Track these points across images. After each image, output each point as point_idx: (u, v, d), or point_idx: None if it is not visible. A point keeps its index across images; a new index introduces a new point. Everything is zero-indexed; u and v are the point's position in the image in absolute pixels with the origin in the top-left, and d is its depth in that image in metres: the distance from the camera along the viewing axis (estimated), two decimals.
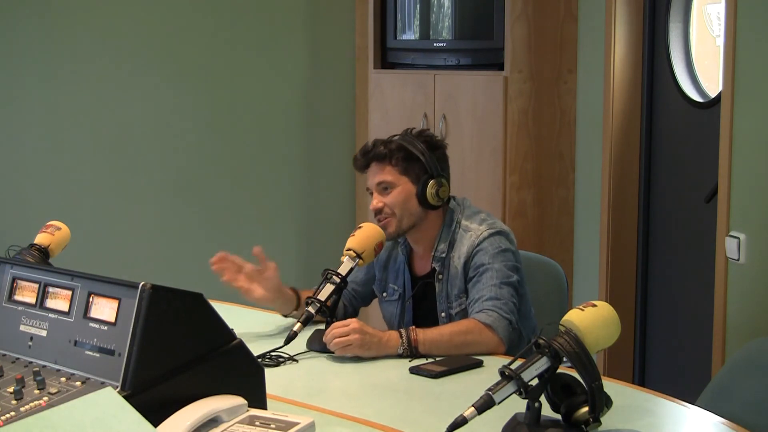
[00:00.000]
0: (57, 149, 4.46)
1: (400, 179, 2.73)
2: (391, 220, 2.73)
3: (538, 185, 4.26)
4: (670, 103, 3.94)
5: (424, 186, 2.72)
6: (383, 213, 2.73)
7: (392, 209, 2.72)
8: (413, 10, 4.56)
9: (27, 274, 2.03)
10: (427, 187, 2.71)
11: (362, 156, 2.78)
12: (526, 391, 1.84)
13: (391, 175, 2.73)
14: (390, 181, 2.73)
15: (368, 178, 2.77)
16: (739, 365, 2.28)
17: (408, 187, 2.73)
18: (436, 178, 2.73)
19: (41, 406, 1.77)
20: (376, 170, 2.75)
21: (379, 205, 2.73)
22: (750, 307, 3.21)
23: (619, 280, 4.13)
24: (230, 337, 1.91)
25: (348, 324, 2.49)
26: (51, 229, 2.72)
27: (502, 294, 2.61)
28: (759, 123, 3.15)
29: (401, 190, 2.73)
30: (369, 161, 2.76)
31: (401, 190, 2.73)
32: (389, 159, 2.73)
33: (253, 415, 1.85)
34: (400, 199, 2.72)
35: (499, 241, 2.69)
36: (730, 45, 3.20)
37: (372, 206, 2.76)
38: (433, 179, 2.72)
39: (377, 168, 2.74)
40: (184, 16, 4.67)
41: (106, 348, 1.83)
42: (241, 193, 4.91)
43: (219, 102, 4.79)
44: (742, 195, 3.22)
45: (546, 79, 4.22)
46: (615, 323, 1.91)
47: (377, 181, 2.74)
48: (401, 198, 2.72)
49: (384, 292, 2.89)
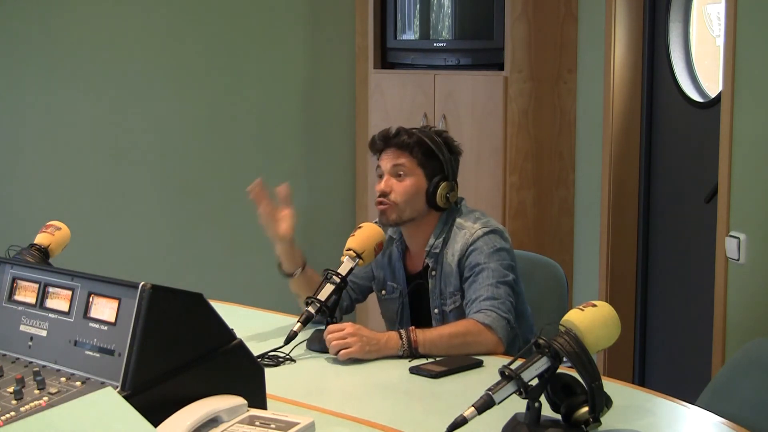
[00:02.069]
0: (57, 149, 4.46)
1: (416, 170, 2.73)
2: (392, 208, 2.72)
3: (538, 185, 4.26)
4: (670, 103, 3.94)
5: (436, 186, 2.72)
6: (388, 198, 2.72)
7: (397, 198, 2.72)
8: (413, 10, 4.57)
9: (27, 274, 2.03)
10: (439, 187, 2.72)
11: (382, 140, 2.77)
12: (526, 391, 1.84)
13: (408, 162, 2.72)
14: (406, 168, 2.72)
15: (382, 160, 2.76)
16: (739, 365, 2.28)
17: (421, 181, 2.73)
18: (450, 181, 2.73)
19: (41, 406, 1.77)
20: (394, 155, 2.74)
21: (387, 189, 2.72)
22: (750, 307, 3.21)
23: (619, 280, 4.13)
24: (230, 337, 1.91)
25: (343, 328, 2.49)
26: (51, 229, 2.71)
27: (499, 293, 2.61)
28: (759, 123, 3.15)
29: (414, 182, 2.72)
30: (388, 146, 2.75)
31: (414, 182, 2.72)
32: (410, 149, 2.72)
33: (253, 415, 1.85)
34: (410, 190, 2.72)
35: (494, 240, 2.69)
36: (730, 45, 3.20)
37: (379, 187, 2.74)
38: (446, 181, 2.73)
39: (395, 153, 2.74)
40: (184, 16, 4.67)
41: (106, 348, 1.83)
42: (241, 192, 4.89)
43: (219, 102, 4.79)
44: (742, 195, 3.22)
45: (546, 79, 4.22)
46: (615, 323, 1.91)
47: (393, 164, 2.73)
48: (412, 190, 2.72)
49: (383, 291, 2.88)
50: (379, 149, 2.78)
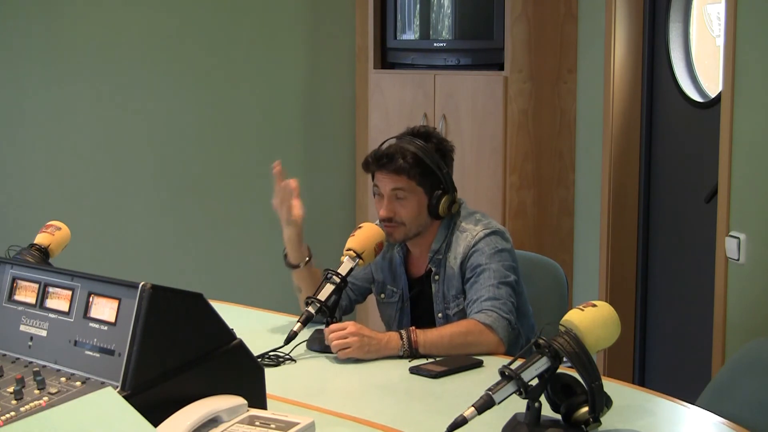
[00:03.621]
0: (57, 149, 4.46)
1: (416, 190, 2.72)
2: (399, 228, 2.73)
3: (538, 185, 4.26)
4: (670, 103, 3.94)
5: (438, 200, 2.71)
6: (393, 221, 2.72)
7: (404, 219, 2.72)
8: (413, 10, 4.57)
9: (27, 274, 2.03)
10: (441, 201, 2.71)
11: (376, 163, 2.73)
12: (526, 391, 1.84)
13: (407, 184, 2.71)
14: (407, 190, 2.71)
15: (379, 181, 2.74)
16: (739, 365, 2.28)
17: (422, 199, 2.72)
18: (450, 193, 2.73)
19: (41, 406, 1.77)
20: (391, 178, 2.71)
21: (391, 213, 2.72)
22: (750, 307, 3.21)
23: (619, 280, 4.13)
24: (230, 337, 1.91)
25: (345, 327, 2.49)
26: (51, 229, 2.71)
27: (501, 294, 2.61)
28: (759, 123, 3.14)
29: (416, 202, 2.72)
30: (384, 169, 2.73)
31: (416, 202, 2.72)
32: (407, 172, 2.70)
33: (253, 415, 1.85)
34: (414, 211, 2.72)
35: (496, 241, 2.69)
36: (730, 45, 3.20)
37: (382, 214, 2.73)
38: (447, 194, 2.73)
39: (393, 176, 2.71)
40: (185, 16, 4.67)
41: (106, 348, 1.83)
42: (240, 192, 4.90)
43: (219, 102, 4.79)
44: (742, 195, 3.22)
45: (546, 79, 4.22)
46: (615, 323, 1.91)
47: (392, 188, 2.72)
48: (416, 210, 2.72)
49: (382, 294, 2.88)
50: (374, 171, 2.76)
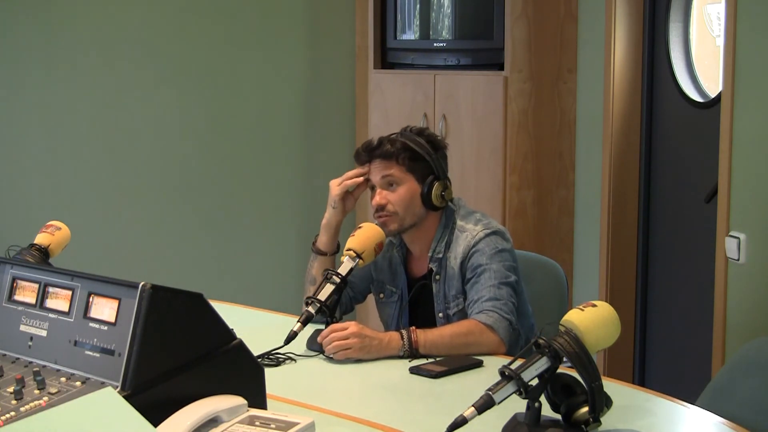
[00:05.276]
0: (57, 149, 4.46)
1: (406, 177, 2.73)
2: (392, 218, 2.72)
3: (538, 185, 4.26)
4: (670, 103, 3.94)
5: (430, 187, 2.72)
6: (385, 210, 2.72)
7: (395, 208, 2.72)
8: (413, 10, 4.56)
9: (27, 274, 2.03)
10: (432, 188, 2.71)
11: (365, 151, 2.77)
12: (526, 391, 1.84)
13: (397, 171, 2.72)
14: (396, 177, 2.72)
15: (371, 173, 2.76)
16: (739, 365, 2.28)
17: (413, 186, 2.73)
18: (441, 179, 2.73)
19: (41, 406, 1.77)
20: (382, 166, 2.74)
21: (383, 201, 2.72)
22: (750, 307, 3.21)
23: (619, 280, 4.13)
24: (230, 337, 1.91)
25: (346, 327, 2.49)
26: (51, 229, 2.71)
27: (501, 294, 2.61)
28: (759, 123, 3.15)
29: (407, 189, 2.72)
30: (373, 158, 2.75)
31: (407, 189, 2.72)
32: (396, 157, 2.72)
33: (253, 415, 1.85)
34: (406, 198, 2.72)
35: (496, 241, 2.69)
36: (730, 45, 3.20)
37: (374, 202, 2.74)
38: (439, 181, 2.73)
39: (383, 164, 2.73)
40: (184, 15, 4.67)
41: (106, 348, 1.83)
42: (241, 192, 4.90)
43: (219, 102, 4.79)
44: (742, 195, 3.22)
45: (546, 79, 4.22)
46: (615, 323, 1.91)
47: (382, 175, 2.73)
48: (407, 197, 2.72)
49: (381, 294, 2.88)
50: (364, 161, 2.78)
